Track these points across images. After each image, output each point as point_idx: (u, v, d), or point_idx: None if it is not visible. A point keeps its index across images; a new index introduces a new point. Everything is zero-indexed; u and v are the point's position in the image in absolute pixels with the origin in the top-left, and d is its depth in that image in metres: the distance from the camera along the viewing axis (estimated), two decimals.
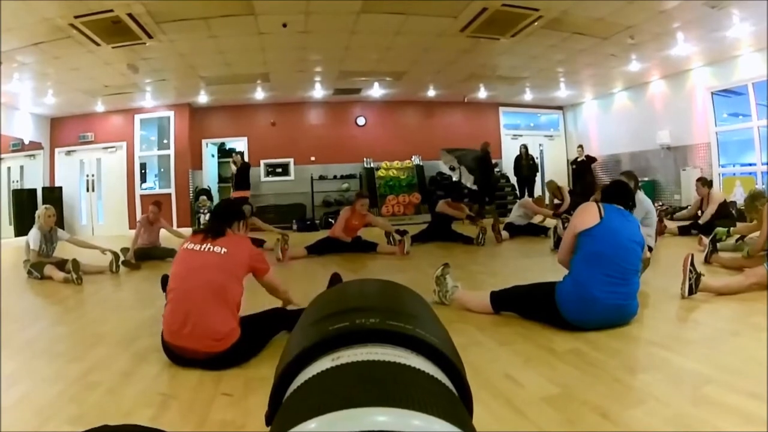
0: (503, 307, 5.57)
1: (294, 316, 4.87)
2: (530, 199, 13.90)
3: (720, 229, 8.55)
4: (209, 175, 21.70)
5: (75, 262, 9.06)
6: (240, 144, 21.94)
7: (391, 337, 0.63)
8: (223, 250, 4.62)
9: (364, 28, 12.54)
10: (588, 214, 5.11)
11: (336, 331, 0.63)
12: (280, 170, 21.23)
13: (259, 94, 19.61)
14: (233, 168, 17.74)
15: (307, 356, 0.63)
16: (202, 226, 17.69)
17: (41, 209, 9.96)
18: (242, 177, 17.95)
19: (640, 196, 9.30)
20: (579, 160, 20.87)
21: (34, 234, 9.59)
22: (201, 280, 4.45)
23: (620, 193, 5.48)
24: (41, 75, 14.90)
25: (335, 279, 6.14)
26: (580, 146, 21.07)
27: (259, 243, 12.29)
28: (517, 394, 3.54)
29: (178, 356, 4.42)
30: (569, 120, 24.29)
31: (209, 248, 4.63)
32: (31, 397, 3.89)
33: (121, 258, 10.47)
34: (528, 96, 21.68)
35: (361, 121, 22.13)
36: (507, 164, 22.34)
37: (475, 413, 2.16)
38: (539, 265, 8.36)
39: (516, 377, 3.86)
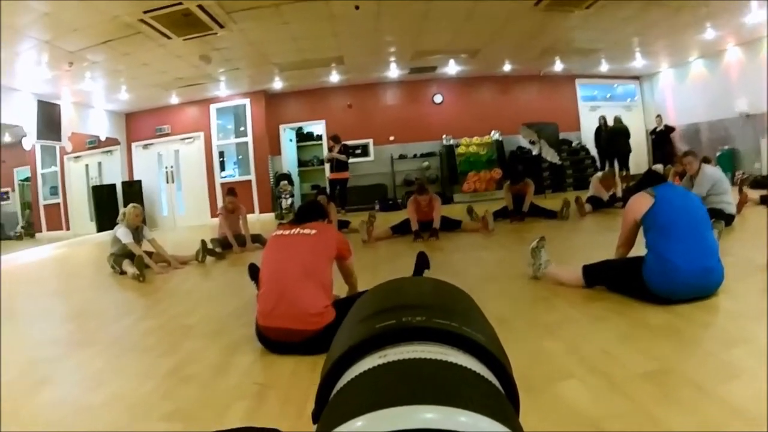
0: (595, 281, 5.57)
1: None
2: (598, 176, 13.51)
3: None
4: (288, 159, 21.74)
5: (140, 258, 9.14)
6: (318, 127, 22.03)
7: (438, 335, 0.63)
8: (312, 231, 4.77)
9: (438, 7, 12.39)
10: (641, 200, 5.24)
11: (383, 329, 0.64)
12: (359, 151, 21.07)
13: (334, 77, 19.58)
14: (342, 157, 17.77)
15: (354, 354, 0.63)
16: (284, 210, 17.94)
17: (129, 207, 10.00)
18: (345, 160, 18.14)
19: (706, 169, 9.22)
20: (658, 130, 20.60)
21: (123, 230, 9.62)
22: (293, 259, 4.56)
23: (655, 179, 5.53)
24: (113, 72, 15.13)
25: (422, 258, 6.11)
26: (659, 116, 20.78)
27: (344, 224, 12.33)
28: (615, 370, 3.49)
29: (273, 341, 4.47)
30: (646, 90, 23.62)
31: (298, 232, 4.78)
32: (122, 394, 3.88)
33: (209, 247, 10.50)
34: (604, 67, 21.19)
35: (438, 98, 21.89)
36: (586, 137, 22.01)
37: (573, 389, 3.25)
38: None
39: (612, 353, 3.82)
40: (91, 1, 9.84)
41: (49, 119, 16.55)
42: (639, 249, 5.36)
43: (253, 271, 5.98)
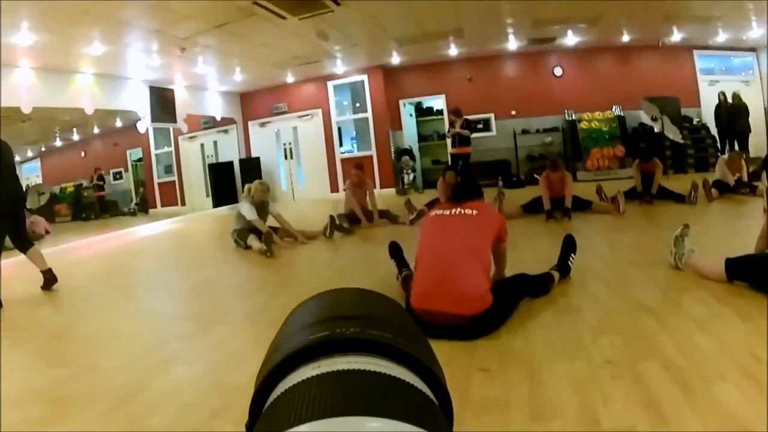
0: (737, 276, 5.14)
1: (537, 281, 5.02)
2: (724, 158, 12.89)
3: None
4: (409, 134, 21.68)
5: (268, 234, 9.14)
6: (438, 102, 21.81)
7: (372, 347, 0.63)
8: (474, 212, 4.69)
9: None
10: None
11: (316, 340, 0.64)
12: (481, 126, 20.59)
13: (453, 50, 19.38)
14: (466, 132, 17.22)
15: (287, 365, 0.62)
16: (406, 186, 17.89)
17: (255, 183, 10.09)
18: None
19: None
20: None
21: (247, 206, 9.67)
22: (455, 240, 4.47)
23: None
24: (227, 54, 15.49)
25: (569, 241, 5.80)
26: None
27: None
28: (764, 376, 3.22)
29: (426, 324, 4.12)
30: (763, 63, 22.21)
31: (460, 212, 4.71)
32: None
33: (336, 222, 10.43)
34: (721, 37, 20.11)
35: (558, 71, 21.32)
36: (705, 114, 20.91)
37: (724, 390, 3.07)
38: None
39: (762, 358, 3.50)
40: None
41: (163, 103, 17.44)
42: None
43: (394, 250, 5.89)
